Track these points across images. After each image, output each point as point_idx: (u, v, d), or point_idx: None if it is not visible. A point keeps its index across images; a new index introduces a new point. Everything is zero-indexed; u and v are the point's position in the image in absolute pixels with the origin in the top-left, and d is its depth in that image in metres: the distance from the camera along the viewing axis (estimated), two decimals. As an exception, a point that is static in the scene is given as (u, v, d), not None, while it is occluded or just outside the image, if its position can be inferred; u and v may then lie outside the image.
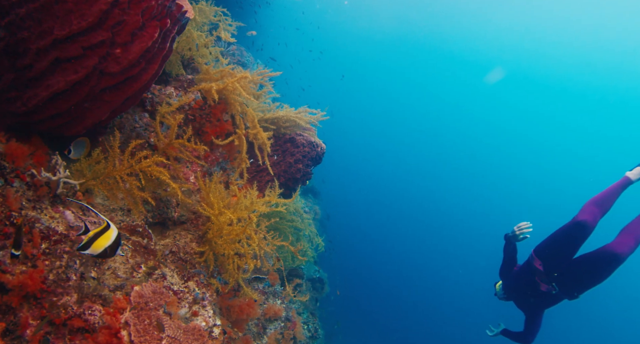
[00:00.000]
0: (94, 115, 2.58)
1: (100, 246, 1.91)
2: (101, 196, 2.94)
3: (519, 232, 4.15)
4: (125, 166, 2.67)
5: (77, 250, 1.89)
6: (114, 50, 2.39)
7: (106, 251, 1.93)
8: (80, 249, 1.89)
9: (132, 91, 2.56)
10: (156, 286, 2.34)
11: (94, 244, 1.91)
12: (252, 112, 3.44)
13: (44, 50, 2.31)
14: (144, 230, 2.92)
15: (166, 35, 2.55)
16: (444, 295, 24.33)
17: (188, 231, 3.20)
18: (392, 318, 20.45)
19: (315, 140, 4.36)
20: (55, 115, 2.48)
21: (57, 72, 2.35)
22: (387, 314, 20.44)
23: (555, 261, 3.95)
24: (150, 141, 3.12)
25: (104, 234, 1.93)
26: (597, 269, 3.73)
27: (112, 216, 2.90)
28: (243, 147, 3.39)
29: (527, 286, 4.19)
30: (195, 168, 3.42)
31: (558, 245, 3.92)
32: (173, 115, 3.14)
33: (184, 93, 3.31)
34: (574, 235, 3.80)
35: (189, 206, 3.26)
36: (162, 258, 2.90)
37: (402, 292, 23.76)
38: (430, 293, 24.58)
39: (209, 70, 3.45)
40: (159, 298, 2.27)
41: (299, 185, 4.36)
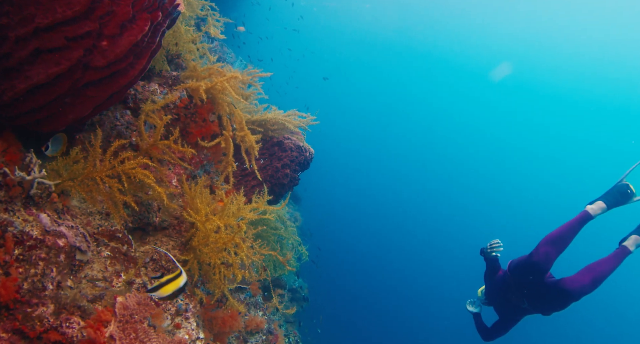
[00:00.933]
0: (76, 111, 2.48)
1: (167, 291, 2.01)
2: (77, 199, 2.82)
3: (490, 250, 4.39)
4: (106, 167, 2.57)
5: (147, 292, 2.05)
6: (101, 43, 2.31)
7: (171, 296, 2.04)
8: (150, 291, 2.01)
9: (118, 87, 2.47)
10: (141, 297, 2.25)
11: (163, 288, 2.01)
12: (240, 113, 3.38)
13: (23, 38, 2.20)
14: (123, 235, 2.82)
15: (156, 29, 2.48)
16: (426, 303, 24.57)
17: (170, 237, 3.10)
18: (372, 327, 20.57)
19: (303, 144, 4.32)
20: (33, 109, 2.37)
21: (38, 63, 2.25)
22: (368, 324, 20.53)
23: (523, 280, 4.09)
24: (132, 140, 3.02)
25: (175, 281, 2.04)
26: (554, 299, 3.89)
27: (89, 220, 2.78)
28: (230, 149, 3.33)
29: (503, 294, 4.37)
30: (178, 170, 3.33)
31: (522, 270, 4.07)
32: (159, 114, 3.05)
33: (169, 90, 3.23)
34: (531, 271, 3.95)
35: (171, 211, 3.17)
36: (143, 266, 2.80)
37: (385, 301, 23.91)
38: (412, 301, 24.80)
39: (196, 67, 3.37)
40: (144, 309, 2.18)
41: (286, 191, 4.31)
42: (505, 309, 4.45)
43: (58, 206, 2.66)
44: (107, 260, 2.66)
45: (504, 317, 4.47)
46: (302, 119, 4.18)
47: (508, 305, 4.38)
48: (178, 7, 2.48)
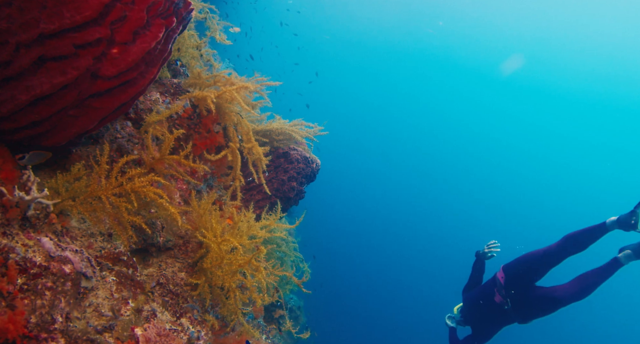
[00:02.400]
0: (80, 123, 2.38)
1: None
2: (76, 219, 2.70)
3: (487, 250, 4.70)
4: (112, 185, 2.47)
5: None
6: (111, 50, 2.22)
7: None
8: None
9: (127, 97, 2.39)
10: (160, 328, 2.15)
11: None
12: (248, 123, 3.31)
13: (26, 45, 2.11)
14: (128, 258, 2.71)
15: (169, 35, 2.40)
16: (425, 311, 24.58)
17: (176, 258, 3.00)
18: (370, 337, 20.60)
19: (310, 155, 4.26)
20: (34, 123, 2.26)
21: (41, 73, 2.15)
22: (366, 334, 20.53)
23: (516, 281, 4.29)
24: (134, 153, 2.92)
25: None
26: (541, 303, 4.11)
27: (90, 242, 2.66)
28: (237, 162, 3.24)
29: (484, 296, 4.57)
30: (180, 185, 3.24)
31: (524, 268, 4.25)
32: (162, 125, 2.96)
33: (171, 99, 3.13)
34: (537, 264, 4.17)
35: (174, 230, 3.07)
36: (150, 291, 2.69)
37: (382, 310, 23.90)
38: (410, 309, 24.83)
39: (201, 74, 3.29)
40: (165, 341, 2.09)
41: (292, 205, 4.24)
42: (482, 321, 4.62)
43: (57, 227, 2.54)
44: (112, 286, 2.55)
45: (478, 330, 4.63)
46: (310, 129, 4.13)
47: (486, 315, 4.55)
48: (192, 12, 2.41)
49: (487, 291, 4.53)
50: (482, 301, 4.56)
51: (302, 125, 4.14)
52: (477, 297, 4.64)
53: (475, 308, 4.66)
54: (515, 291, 4.29)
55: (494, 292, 4.47)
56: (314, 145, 4.32)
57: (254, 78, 3.49)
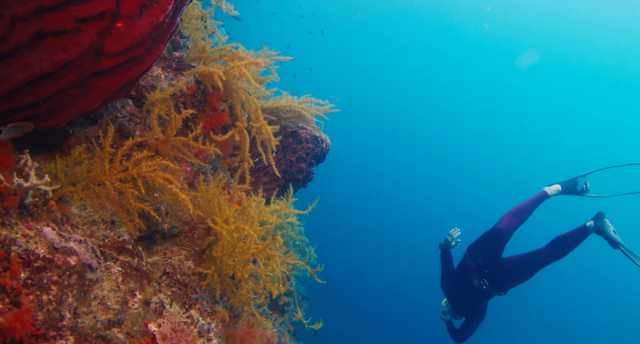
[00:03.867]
0: (82, 104, 2.30)
1: None
2: (77, 206, 2.64)
3: (450, 239, 5.24)
4: (117, 169, 2.40)
5: None
6: (116, 25, 2.12)
7: None
8: None
9: (132, 76, 2.30)
10: (175, 323, 2.13)
11: None
12: (256, 101, 3.22)
13: (22, 19, 2.00)
14: (133, 247, 2.67)
15: (178, 7, 2.30)
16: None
17: (181, 246, 2.97)
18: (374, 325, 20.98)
19: (319, 134, 4.19)
20: (31, 103, 2.18)
21: (40, 49, 2.05)
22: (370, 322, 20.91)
23: (483, 260, 4.84)
24: (136, 134, 2.85)
25: None
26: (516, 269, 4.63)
27: (93, 230, 2.62)
28: (245, 143, 3.17)
29: (461, 282, 5.03)
30: (184, 167, 3.17)
31: (482, 246, 4.86)
32: (165, 103, 2.87)
33: (174, 75, 3.04)
34: (493, 240, 4.76)
35: (180, 215, 3.02)
36: (156, 281, 2.67)
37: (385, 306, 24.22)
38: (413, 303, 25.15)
39: (206, 48, 3.18)
40: (180, 336, 2.07)
41: (299, 187, 4.19)
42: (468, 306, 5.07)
43: (57, 215, 2.49)
44: (118, 277, 2.52)
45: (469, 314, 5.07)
46: (320, 107, 4.04)
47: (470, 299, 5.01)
48: (202, -19, 2.30)
49: (462, 278, 5.00)
50: (461, 289, 5.01)
51: (312, 102, 4.04)
52: (456, 286, 5.10)
53: (458, 297, 5.10)
54: (488, 271, 4.82)
55: (469, 277, 4.93)
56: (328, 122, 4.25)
57: (262, 52, 3.38)
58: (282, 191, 4.08)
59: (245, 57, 3.12)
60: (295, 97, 4.04)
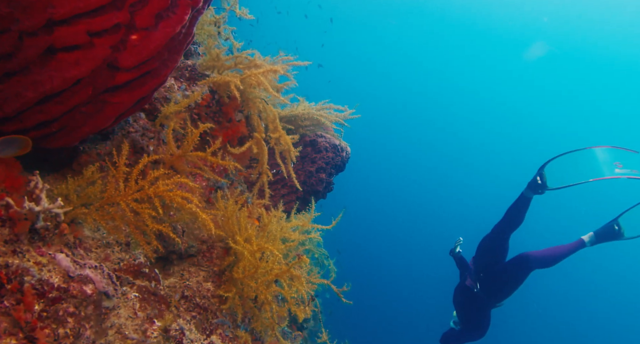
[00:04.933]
0: (95, 121, 2.24)
1: None
2: (89, 228, 2.58)
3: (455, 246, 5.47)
4: (133, 189, 2.34)
5: None
6: (130, 37, 2.05)
7: None
8: None
9: (148, 90, 2.23)
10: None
11: None
12: (274, 110, 3.15)
13: (31, 33, 1.94)
14: (150, 270, 2.61)
15: (194, 16, 2.23)
16: None
17: (199, 266, 2.90)
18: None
19: (340, 142, 4.11)
20: (42, 123, 2.12)
21: (51, 65, 1.99)
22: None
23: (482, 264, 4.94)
24: (149, 150, 2.78)
25: None
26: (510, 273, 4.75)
27: (107, 253, 2.56)
28: (264, 155, 3.10)
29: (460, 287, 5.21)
30: (199, 181, 3.11)
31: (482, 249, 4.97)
32: (179, 116, 2.80)
33: (187, 85, 2.97)
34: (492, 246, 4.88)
35: (196, 233, 2.96)
36: (174, 306, 2.60)
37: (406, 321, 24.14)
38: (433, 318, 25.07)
39: (220, 55, 3.11)
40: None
41: (319, 199, 4.12)
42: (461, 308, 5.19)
43: (69, 239, 2.43)
44: (135, 304, 2.46)
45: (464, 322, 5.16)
46: (340, 113, 3.96)
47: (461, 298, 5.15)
48: (219, -12, 2.23)
49: (462, 281, 5.19)
50: (457, 290, 5.21)
51: (331, 108, 3.97)
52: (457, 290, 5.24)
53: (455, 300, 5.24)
54: (483, 274, 4.93)
55: (465, 276, 5.16)
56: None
57: (278, 57, 3.31)
58: (302, 203, 4.01)
59: (262, 65, 3.04)
60: (312, 103, 3.97)
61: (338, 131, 4.28)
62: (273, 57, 3.29)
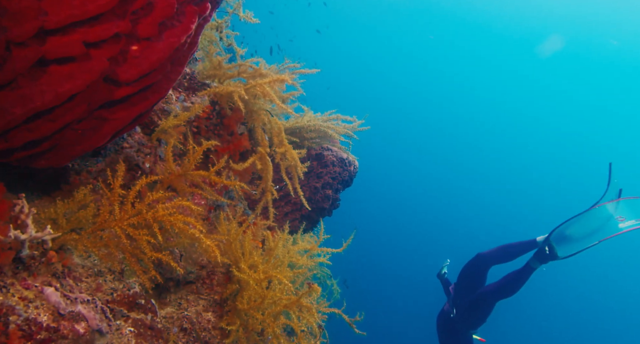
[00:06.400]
0: (87, 140, 2.11)
1: None
2: (79, 254, 2.45)
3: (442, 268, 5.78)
4: (129, 213, 2.22)
5: None
6: (131, 48, 1.94)
7: None
8: None
9: (147, 105, 2.12)
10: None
11: None
12: (279, 123, 3.04)
13: (20, 43, 1.81)
14: (146, 301, 2.48)
15: (201, 24, 2.12)
16: None
17: (199, 295, 2.78)
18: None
19: (348, 156, 4.01)
20: (31, 142, 1.99)
21: (42, 79, 1.87)
22: None
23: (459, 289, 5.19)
24: (145, 167, 2.66)
25: None
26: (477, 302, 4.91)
27: (99, 283, 2.43)
28: (268, 171, 2.99)
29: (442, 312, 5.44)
30: (198, 200, 2.99)
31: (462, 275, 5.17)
32: (177, 130, 2.68)
33: (186, 95, 2.85)
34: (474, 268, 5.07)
35: (195, 258, 2.84)
36: (174, 341, 2.48)
37: None
38: None
39: (222, 63, 2.99)
40: None
41: (324, 216, 4.01)
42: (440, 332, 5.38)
43: (57, 268, 2.30)
44: (130, 339, 2.33)
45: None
46: (348, 124, 3.86)
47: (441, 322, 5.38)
48: (228, -7, 2.12)
49: (444, 306, 5.39)
50: (439, 315, 5.42)
51: (338, 119, 3.86)
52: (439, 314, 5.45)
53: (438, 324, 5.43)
54: (459, 300, 5.13)
55: (445, 303, 5.39)
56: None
57: (284, 65, 3.21)
58: (306, 221, 3.90)
59: (267, 74, 2.93)
60: (318, 113, 3.86)
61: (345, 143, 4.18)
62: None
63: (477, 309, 4.92)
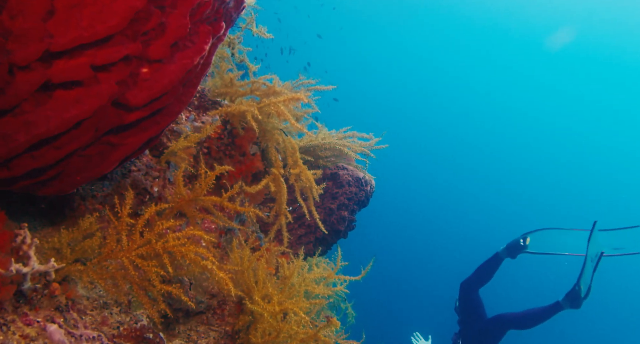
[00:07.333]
0: (94, 167, 2.05)
1: None
2: (83, 286, 2.38)
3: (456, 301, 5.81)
4: (137, 243, 2.15)
5: None
6: (141, 70, 1.87)
7: None
8: None
9: (158, 130, 2.05)
10: None
11: None
12: (293, 142, 2.96)
13: (24, 67, 1.75)
14: (154, 335, 2.40)
15: (214, 44, 2.06)
16: None
17: (209, 325, 2.70)
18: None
19: (364, 175, 3.94)
20: (34, 170, 1.93)
21: (47, 104, 1.80)
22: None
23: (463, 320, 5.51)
24: (154, 191, 2.59)
25: None
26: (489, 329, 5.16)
27: (105, 316, 2.35)
28: (282, 194, 2.91)
29: None
30: (208, 224, 2.92)
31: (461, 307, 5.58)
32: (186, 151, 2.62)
33: (196, 115, 2.79)
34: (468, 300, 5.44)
35: (205, 286, 2.76)
36: (184, 377, 2.40)
37: None
38: None
39: (234, 81, 2.93)
40: None
41: (340, 238, 3.93)
42: None
43: (60, 301, 2.24)
44: (138, 379, 2.25)
45: None
46: (364, 142, 3.78)
47: None
48: (243, 12, 2.06)
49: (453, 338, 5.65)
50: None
51: (354, 137, 3.79)
52: None
53: None
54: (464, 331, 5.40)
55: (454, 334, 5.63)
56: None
57: (298, 81, 3.14)
58: (321, 244, 3.82)
59: (282, 92, 2.87)
60: (333, 130, 3.79)
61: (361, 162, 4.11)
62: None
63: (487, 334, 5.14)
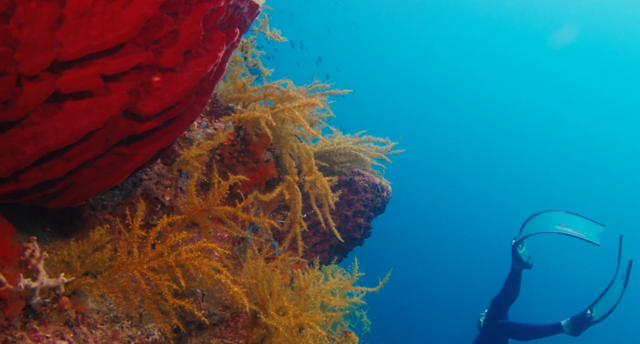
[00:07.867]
0: (105, 178, 2.01)
1: None
2: (93, 299, 2.35)
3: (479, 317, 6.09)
4: (149, 256, 2.11)
5: None
6: (153, 79, 1.83)
7: None
8: None
9: (170, 140, 2.01)
10: None
11: None
12: (308, 148, 2.92)
13: (32, 77, 1.71)
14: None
15: (228, 51, 2.01)
16: None
17: (222, 338, 2.66)
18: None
19: (381, 181, 3.88)
20: (44, 183, 1.89)
21: (56, 115, 1.77)
22: None
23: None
24: (165, 200, 2.56)
25: None
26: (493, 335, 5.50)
27: (115, 330, 2.32)
28: (297, 202, 2.87)
29: None
30: (221, 234, 2.88)
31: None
32: (199, 159, 2.58)
33: (208, 121, 2.76)
34: None
35: (218, 297, 2.72)
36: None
37: None
38: None
39: (247, 86, 2.89)
40: None
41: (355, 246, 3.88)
42: None
43: (70, 315, 2.21)
44: (150, 396, 2.22)
45: None
46: (380, 146, 3.73)
47: None
48: (257, 17, 2.01)
49: None
50: None
51: (370, 141, 3.74)
52: None
53: None
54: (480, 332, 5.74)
55: None
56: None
57: (312, 85, 3.10)
58: (336, 252, 3.77)
59: (296, 97, 2.82)
60: (348, 134, 3.73)
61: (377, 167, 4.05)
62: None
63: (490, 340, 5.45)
